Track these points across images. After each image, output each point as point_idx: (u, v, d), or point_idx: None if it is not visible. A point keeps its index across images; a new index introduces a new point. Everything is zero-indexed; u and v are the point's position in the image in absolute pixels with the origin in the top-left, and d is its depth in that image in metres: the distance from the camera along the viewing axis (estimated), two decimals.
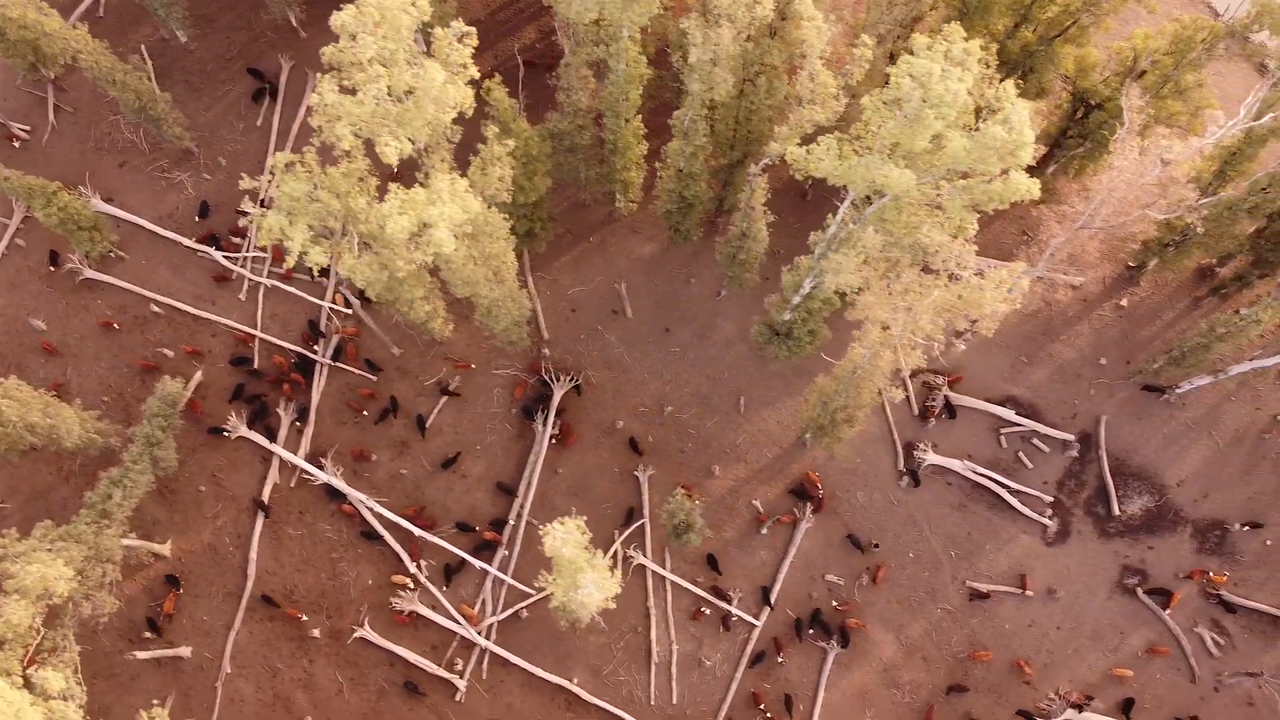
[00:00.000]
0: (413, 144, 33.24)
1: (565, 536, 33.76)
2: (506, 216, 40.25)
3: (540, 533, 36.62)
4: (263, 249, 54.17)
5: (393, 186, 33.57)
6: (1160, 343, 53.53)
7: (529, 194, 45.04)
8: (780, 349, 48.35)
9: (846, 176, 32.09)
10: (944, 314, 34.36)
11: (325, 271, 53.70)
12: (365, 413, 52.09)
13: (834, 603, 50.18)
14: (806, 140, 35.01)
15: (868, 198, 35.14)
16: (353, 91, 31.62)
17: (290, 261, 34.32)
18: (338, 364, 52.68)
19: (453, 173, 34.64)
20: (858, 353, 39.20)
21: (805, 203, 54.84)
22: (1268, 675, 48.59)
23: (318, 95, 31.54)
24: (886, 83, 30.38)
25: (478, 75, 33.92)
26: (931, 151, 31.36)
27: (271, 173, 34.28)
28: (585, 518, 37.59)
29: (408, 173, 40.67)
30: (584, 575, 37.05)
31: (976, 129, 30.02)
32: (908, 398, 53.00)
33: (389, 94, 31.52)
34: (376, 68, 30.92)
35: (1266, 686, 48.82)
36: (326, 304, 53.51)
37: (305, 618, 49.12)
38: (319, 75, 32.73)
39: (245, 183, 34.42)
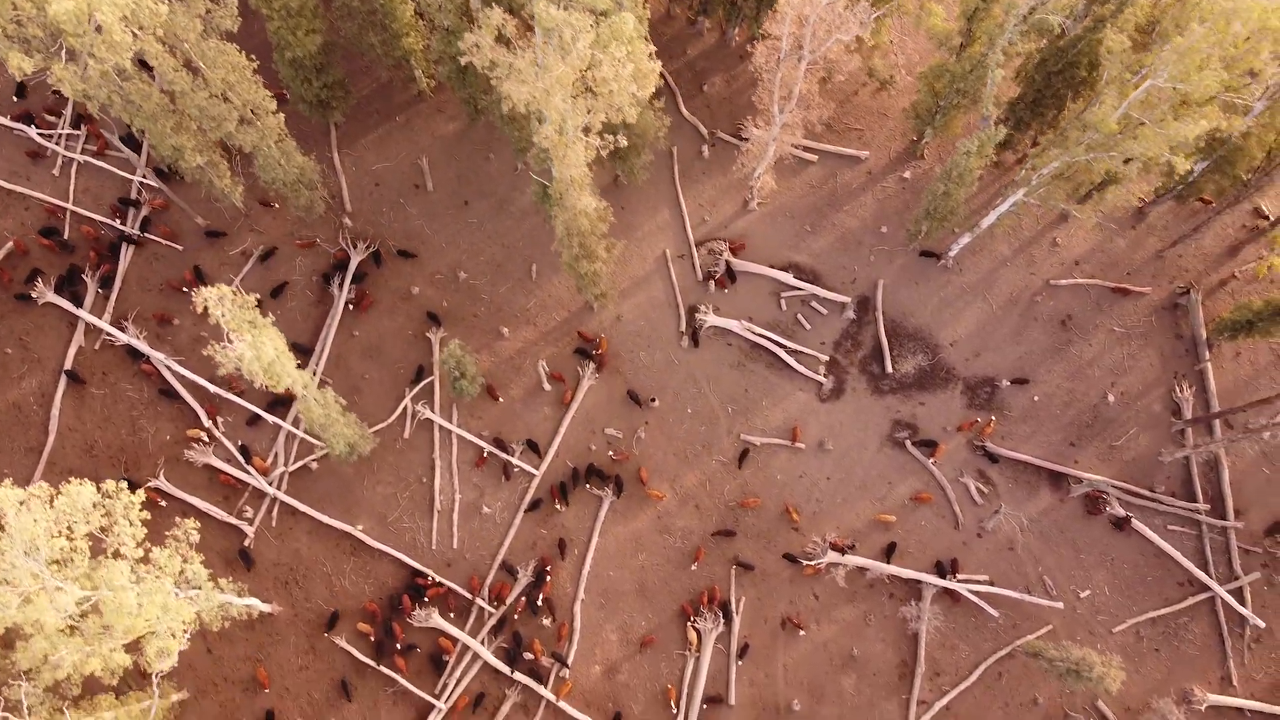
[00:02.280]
0: None
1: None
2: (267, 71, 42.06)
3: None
4: (77, 127, 56.45)
5: None
6: None
7: (296, 49, 46.96)
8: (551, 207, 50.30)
9: None
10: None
11: (137, 146, 55.90)
12: (186, 289, 53.61)
13: (610, 453, 52.26)
14: None
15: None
16: None
17: None
18: (145, 235, 54.80)
19: None
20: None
21: None
22: (1006, 505, 50.75)
23: None
24: None
25: None
26: None
27: None
28: None
29: None
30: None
31: None
32: (692, 263, 55.10)
33: None
34: None
35: (1020, 527, 50.95)
36: (137, 178, 55.63)
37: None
38: None
39: None
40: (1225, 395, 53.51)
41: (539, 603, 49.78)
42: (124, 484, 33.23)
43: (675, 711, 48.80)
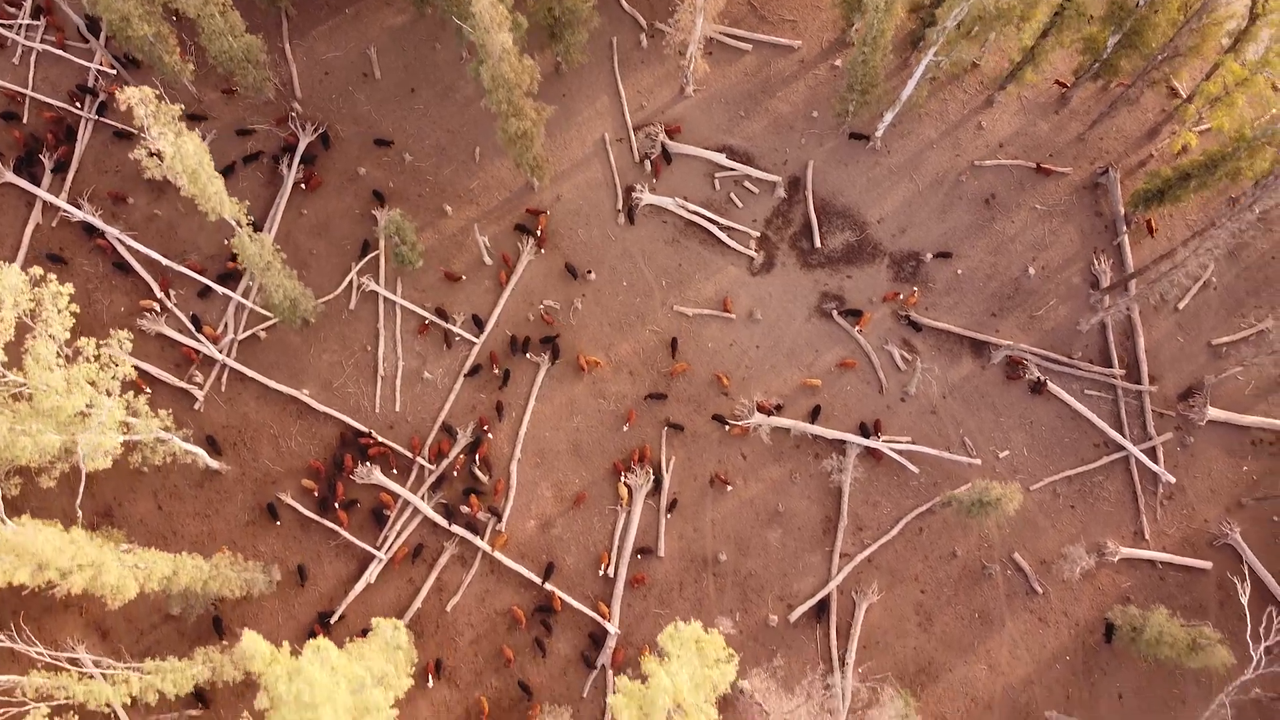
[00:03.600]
0: None
1: None
2: None
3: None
4: (36, 17, 58.55)
5: None
6: None
7: None
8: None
9: None
10: None
11: (96, 33, 57.96)
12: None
13: (546, 321, 54.25)
14: None
15: None
16: None
17: None
18: (101, 119, 56.83)
19: None
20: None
21: None
22: (923, 362, 52.77)
23: None
24: None
25: None
26: None
27: None
28: None
29: None
30: None
31: None
32: (630, 146, 57.08)
33: None
34: None
35: (934, 382, 52.95)
36: (94, 65, 57.66)
37: None
38: None
39: None
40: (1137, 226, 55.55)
41: (477, 461, 51.78)
42: (52, 277, 35.20)
43: (606, 564, 50.73)
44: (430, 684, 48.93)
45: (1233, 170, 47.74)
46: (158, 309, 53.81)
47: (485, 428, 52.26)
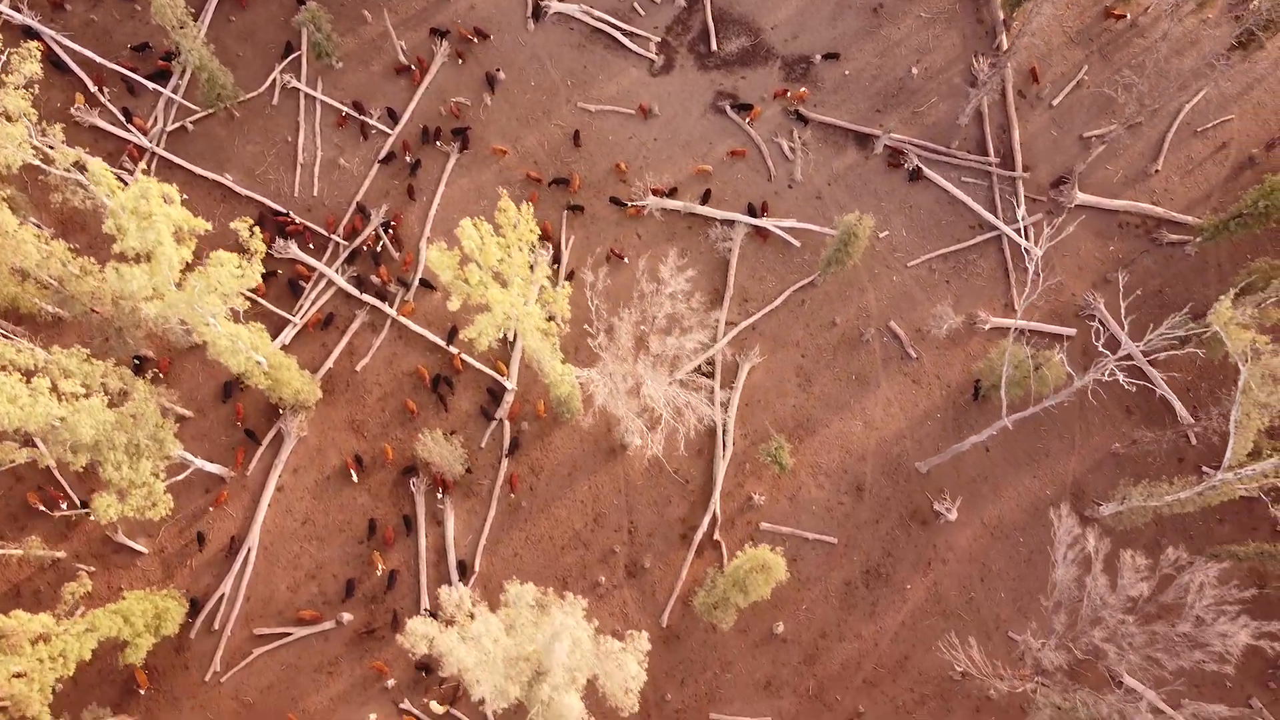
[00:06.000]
0: None
1: None
2: None
3: None
4: None
5: None
6: None
7: None
8: None
9: None
10: None
11: None
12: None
13: (455, 114, 57.73)
14: None
15: None
16: None
17: None
18: None
19: None
20: None
21: None
22: (809, 152, 56.15)
23: None
24: None
25: None
26: None
27: None
28: None
29: None
30: None
31: None
32: None
33: None
34: None
35: (808, 155, 56.35)
36: None
37: None
38: None
39: None
40: (1020, 71, 58.88)
41: (389, 234, 55.24)
42: None
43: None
44: (354, 479, 51.78)
45: None
46: (89, 105, 57.32)
47: (397, 220, 55.63)
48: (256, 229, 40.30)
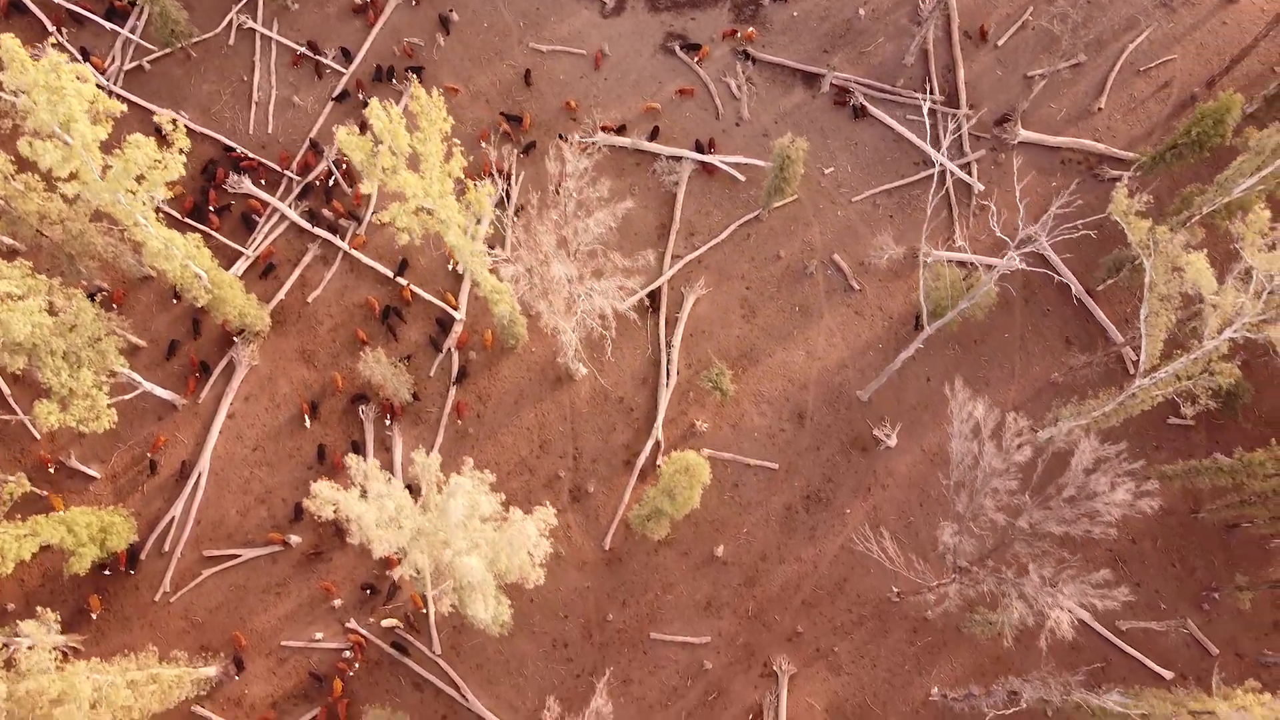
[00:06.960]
0: None
1: None
2: None
3: None
4: None
5: None
6: None
7: None
8: None
9: None
10: None
11: None
12: None
13: (408, 54, 58.60)
14: None
15: None
16: None
17: None
18: None
19: None
20: None
21: None
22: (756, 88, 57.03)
23: None
24: None
25: None
26: None
27: None
28: None
29: None
30: None
31: None
32: None
33: None
34: None
35: (750, 76, 57.21)
36: None
37: None
38: None
39: None
40: (965, 11, 59.71)
41: (341, 170, 56.13)
42: None
43: (454, 261, 54.87)
44: (308, 424, 52.61)
45: None
46: (48, 48, 58.20)
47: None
48: (178, 121, 40.75)
